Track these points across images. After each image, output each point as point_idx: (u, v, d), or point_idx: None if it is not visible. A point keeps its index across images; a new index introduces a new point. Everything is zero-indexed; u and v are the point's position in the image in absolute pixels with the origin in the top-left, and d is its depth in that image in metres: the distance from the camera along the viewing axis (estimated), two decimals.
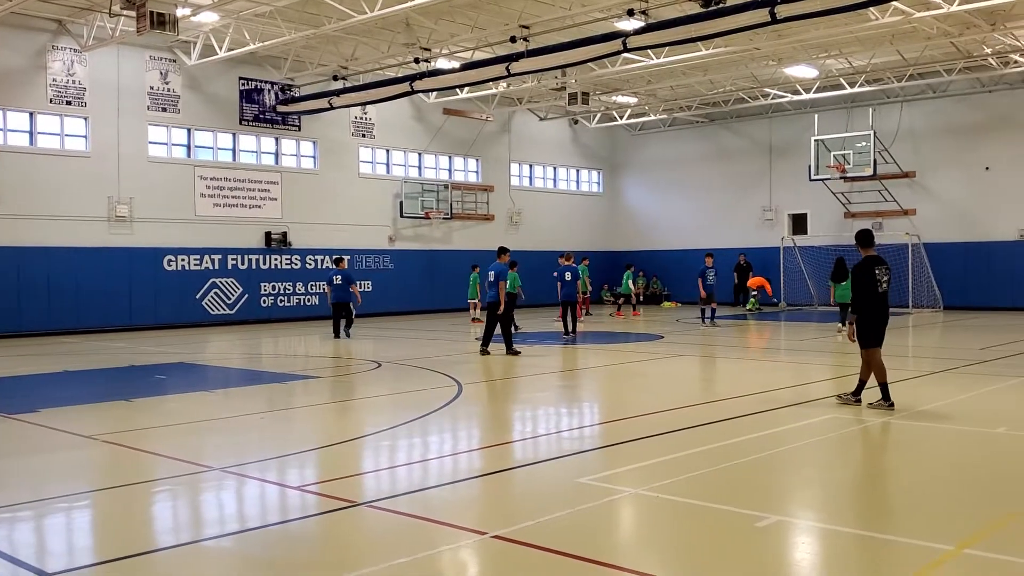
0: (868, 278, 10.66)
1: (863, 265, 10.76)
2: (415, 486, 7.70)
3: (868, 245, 10.97)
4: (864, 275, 10.69)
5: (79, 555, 6.02)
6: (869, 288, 10.67)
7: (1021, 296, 29.19)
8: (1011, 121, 29.81)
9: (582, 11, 21.12)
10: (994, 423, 10.01)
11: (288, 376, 14.93)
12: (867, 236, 11.10)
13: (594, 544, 5.96)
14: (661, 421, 10.32)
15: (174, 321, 25.72)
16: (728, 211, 36.19)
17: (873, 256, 10.87)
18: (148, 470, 8.37)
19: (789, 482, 7.80)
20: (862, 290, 10.72)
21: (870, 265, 10.71)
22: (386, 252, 31.11)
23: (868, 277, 10.66)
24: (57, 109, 23.93)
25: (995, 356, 16.56)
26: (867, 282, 10.67)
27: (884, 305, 10.81)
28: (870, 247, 10.96)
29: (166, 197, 25.85)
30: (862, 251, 10.98)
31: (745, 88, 31.56)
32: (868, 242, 11.00)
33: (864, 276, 10.69)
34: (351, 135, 30.49)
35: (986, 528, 6.19)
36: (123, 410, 11.65)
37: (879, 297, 10.70)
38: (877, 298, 10.69)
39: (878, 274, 10.66)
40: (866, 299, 10.71)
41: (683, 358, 17.26)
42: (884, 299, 10.78)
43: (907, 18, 20.92)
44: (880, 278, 10.66)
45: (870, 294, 10.67)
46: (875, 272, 10.65)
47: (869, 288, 10.67)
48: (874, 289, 10.65)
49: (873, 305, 10.71)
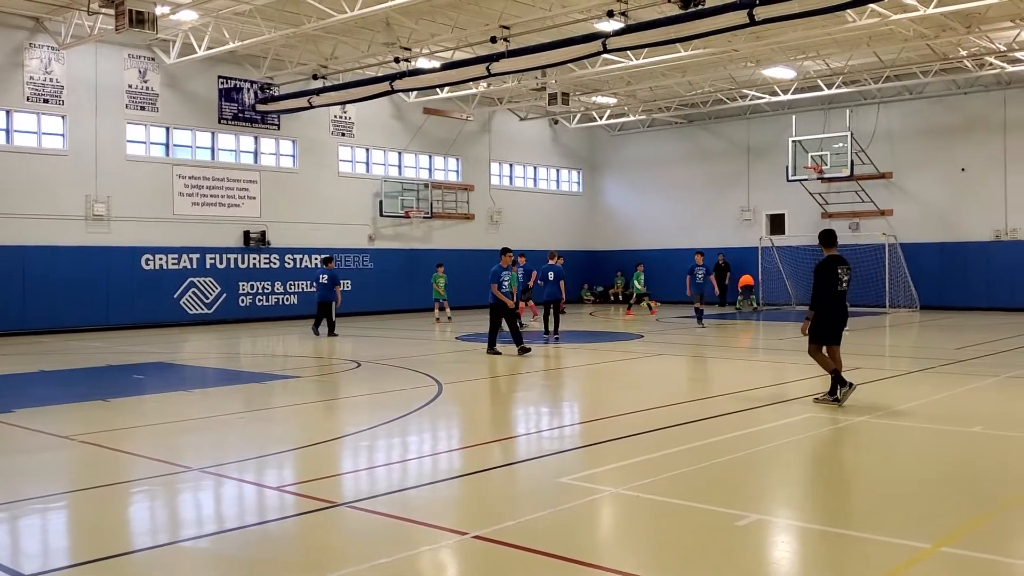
0: (830, 276, 10.92)
1: (826, 263, 11.04)
2: (395, 486, 7.69)
3: (831, 245, 11.24)
4: (826, 274, 10.96)
5: (55, 557, 5.97)
6: (829, 286, 10.93)
7: (996, 296, 29.49)
8: (986, 123, 30.12)
9: (562, 12, 21.16)
10: (970, 422, 10.11)
11: (267, 376, 14.87)
12: (830, 236, 11.35)
13: (575, 544, 5.98)
14: (641, 420, 10.36)
15: (152, 320, 25.56)
16: (706, 211, 36.36)
17: (835, 255, 11.14)
18: (126, 471, 8.32)
19: (768, 481, 7.85)
20: (822, 288, 10.98)
21: (833, 264, 10.98)
22: (366, 251, 31.04)
23: (830, 276, 10.93)
24: (34, 107, 23.72)
25: (970, 356, 16.72)
26: (828, 280, 10.93)
27: (842, 304, 11.08)
28: (833, 247, 11.23)
29: (144, 196, 25.69)
30: (825, 251, 11.27)
31: (723, 89, 31.71)
32: (831, 242, 11.26)
33: (826, 274, 10.96)
34: (331, 134, 30.41)
35: (963, 526, 6.26)
36: (100, 410, 11.57)
37: (838, 296, 10.98)
38: (836, 296, 10.97)
39: (840, 273, 10.94)
40: (825, 297, 10.97)
41: (663, 357, 17.32)
42: (842, 298, 11.05)
43: (884, 20, 21.11)
44: (841, 277, 10.93)
45: (829, 292, 10.94)
46: (837, 271, 10.93)
47: (829, 286, 10.93)
48: (834, 288, 10.92)
49: (831, 303, 10.97)
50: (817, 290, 11.03)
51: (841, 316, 11.09)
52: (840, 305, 11.05)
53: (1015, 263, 29.37)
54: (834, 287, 10.90)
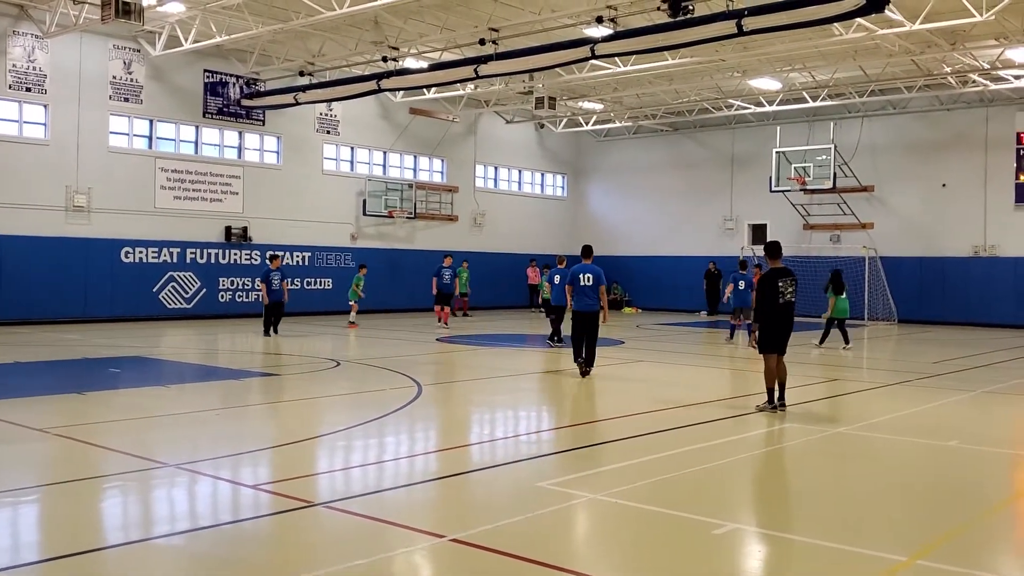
0: (771, 289, 11.27)
1: (767, 276, 11.38)
2: (373, 487, 7.66)
3: (776, 256, 11.59)
4: (767, 287, 11.31)
5: (26, 551, 5.89)
6: (771, 298, 11.26)
7: (974, 311, 29.72)
8: (968, 139, 30.36)
9: (552, 16, 21.15)
10: (946, 436, 10.18)
11: (245, 373, 14.79)
12: (775, 248, 11.74)
13: (552, 549, 5.97)
14: (621, 426, 10.37)
15: (130, 314, 25.35)
16: (689, 219, 36.47)
17: (779, 268, 11.45)
18: (100, 465, 8.24)
19: (746, 490, 7.87)
20: (764, 300, 11.33)
21: (774, 277, 11.31)
22: (348, 250, 30.92)
23: (771, 289, 11.27)
24: (16, 95, 23.49)
25: (947, 370, 16.84)
26: (769, 293, 11.28)
27: (786, 315, 11.38)
28: (777, 259, 11.57)
29: (126, 188, 25.48)
30: (769, 262, 11.60)
31: (709, 98, 31.82)
32: (776, 254, 11.62)
33: (767, 287, 11.30)
34: (316, 131, 30.29)
35: (939, 539, 6.29)
36: (75, 403, 11.46)
37: (780, 307, 11.28)
38: (778, 308, 11.27)
39: (781, 286, 11.27)
40: (767, 308, 11.29)
41: (644, 363, 17.34)
42: (787, 309, 11.36)
43: (870, 35, 21.23)
44: (784, 289, 11.26)
45: (771, 304, 11.26)
46: (778, 284, 11.25)
47: (771, 298, 11.26)
48: (775, 299, 11.23)
49: (774, 314, 11.28)
50: (759, 302, 11.44)
51: (783, 326, 11.37)
52: (784, 315, 11.34)
53: (993, 279, 29.61)
54: (775, 299, 11.21)
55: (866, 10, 16.78)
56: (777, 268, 11.43)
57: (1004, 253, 29.58)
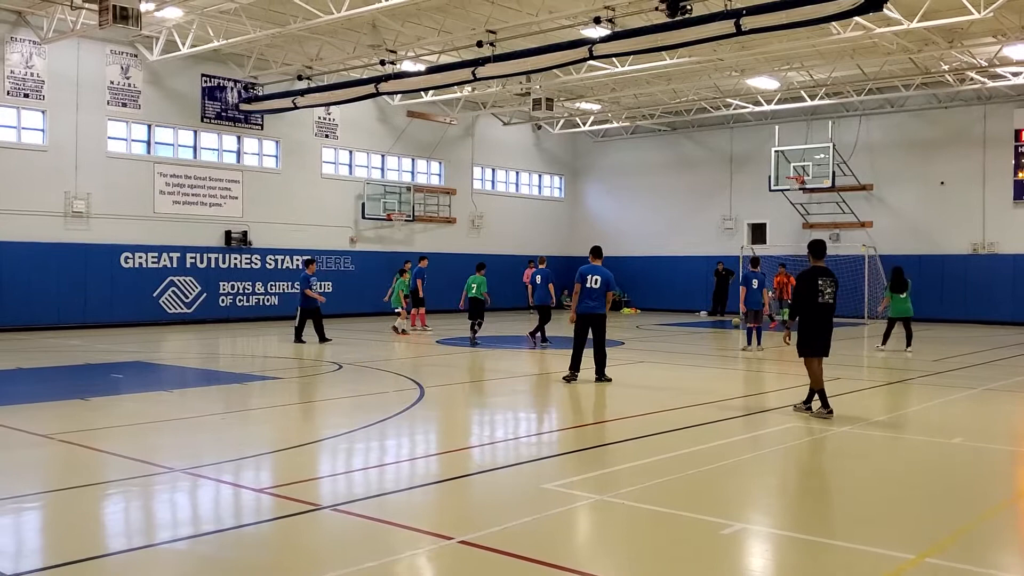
0: (810, 289, 10.82)
1: (807, 275, 10.93)
2: (379, 490, 7.65)
3: (819, 255, 11.09)
4: (806, 285, 10.86)
5: (31, 558, 5.89)
6: (809, 298, 10.82)
7: (973, 309, 29.76)
8: (966, 137, 30.41)
9: (549, 18, 21.16)
10: (950, 433, 10.19)
11: (247, 377, 14.78)
12: (817, 247, 11.21)
13: (560, 550, 5.98)
14: (625, 427, 10.37)
15: (130, 319, 25.35)
16: (688, 219, 36.49)
17: (820, 267, 11.01)
18: (104, 470, 8.24)
19: (752, 490, 7.87)
20: (801, 299, 10.89)
21: (814, 275, 10.86)
22: (347, 253, 30.93)
23: (810, 288, 10.82)
24: (14, 101, 23.49)
25: (948, 368, 16.85)
26: (808, 292, 10.83)
27: (826, 316, 10.92)
28: (820, 258, 11.08)
29: (125, 193, 25.48)
30: (812, 260, 11.11)
31: (707, 98, 31.84)
32: (819, 252, 11.12)
33: (806, 286, 10.86)
34: (314, 135, 30.30)
35: (946, 537, 6.30)
36: (79, 409, 11.45)
37: (819, 308, 10.83)
38: (817, 308, 10.82)
39: (821, 285, 10.81)
40: (805, 308, 10.87)
41: (645, 364, 17.34)
42: (825, 310, 10.89)
43: (868, 33, 21.27)
44: (823, 289, 10.81)
45: (809, 304, 10.82)
46: (818, 283, 10.81)
47: (809, 298, 10.82)
48: (814, 299, 10.79)
49: (812, 315, 10.85)
50: (796, 301, 10.99)
51: (823, 327, 10.94)
52: (823, 316, 10.91)
53: (992, 276, 29.66)
54: (814, 299, 10.82)
55: (864, 9, 16.78)
56: (818, 267, 10.96)
57: (1003, 250, 29.63)
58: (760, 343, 19.82)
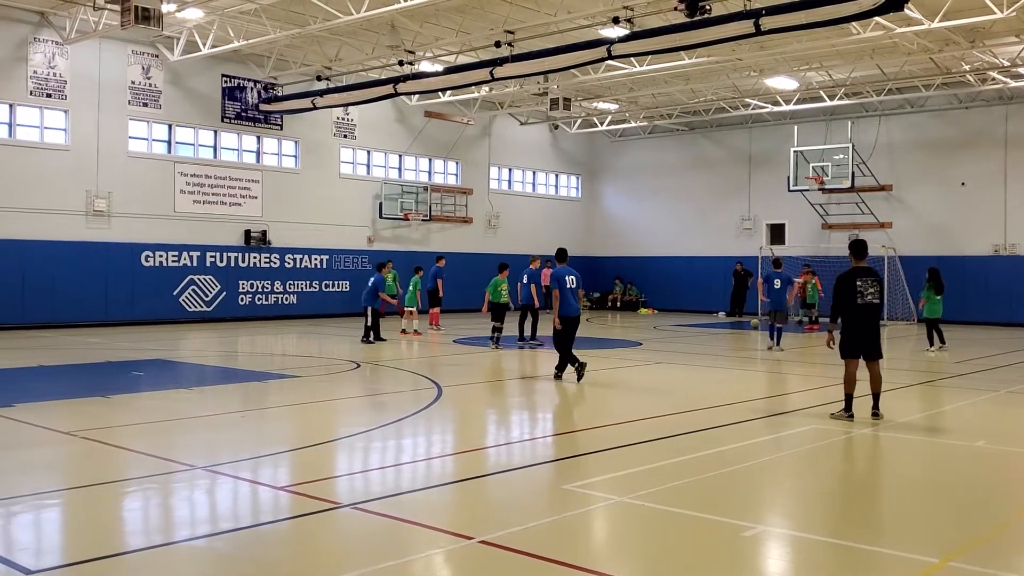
0: (848, 289, 10.65)
1: (845, 276, 10.76)
2: (399, 489, 7.66)
3: (860, 256, 10.92)
4: (844, 286, 10.70)
5: (52, 555, 5.93)
6: (848, 299, 10.66)
7: (994, 311, 29.52)
8: (987, 137, 30.18)
9: (567, 18, 21.14)
10: (973, 436, 10.11)
11: (267, 375, 14.84)
12: (859, 247, 11.02)
13: (580, 551, 5.97)
14: (645, 428, 10.34)
15: (150, 317, 25.50)
16: (706, 220, 36.38)
17: (860, 267, 10.82)
18: (125, 468, 8.29)
19: (774, 492, 7.83)
20: (841, 300, 10.74)
21: (853, 276, 10.69)
22: (364, 252, 31.01)
23: (848, 288, 10.65)
24: (37, 101, 23.68)
25: (969, 370, 16.73)
26: (846, 293, 10.67)
27: (867, 317, 10.71)
28: (862, 258, 10.91)
29: (145, 193, 25.64)
30: (853, 261, 10.94)
31: (726, 98, 31.73)
32: (860, 253, 10.95)
33: (843, 287, 10.71)
34: (332, 135, 30.40)
35: (970, 541, 6.25)
36: (100, 406, 11.53)
37: (858, 308, 10.65)
38: (856, 309, 10.66)
39: (860, 286, 10.61)
40: (845, 310, 10.72)
41: (663, 366, 17.30)
42: (867, 310, 10.68)
43: (888, 33, 21.14)
44: (863, 289, 10.61)
45: (849, 305, 10.67)
46: (857, 284, 10.62)
47: (848, 299, 10.66)
48: (852, 300, 10.63)
49: (851, 316, 10.70)
50: (835, 302, 10.86)
51: (862, 329, 10.69)
52: (861, 317, 10.68)
53: (1013, 278, 29.41)
54: (853, 299, 10.62)
55: (884, 8, 16.68)
56: (858, 267, 10.78)
57: None
58: (777, 343, 19.98)
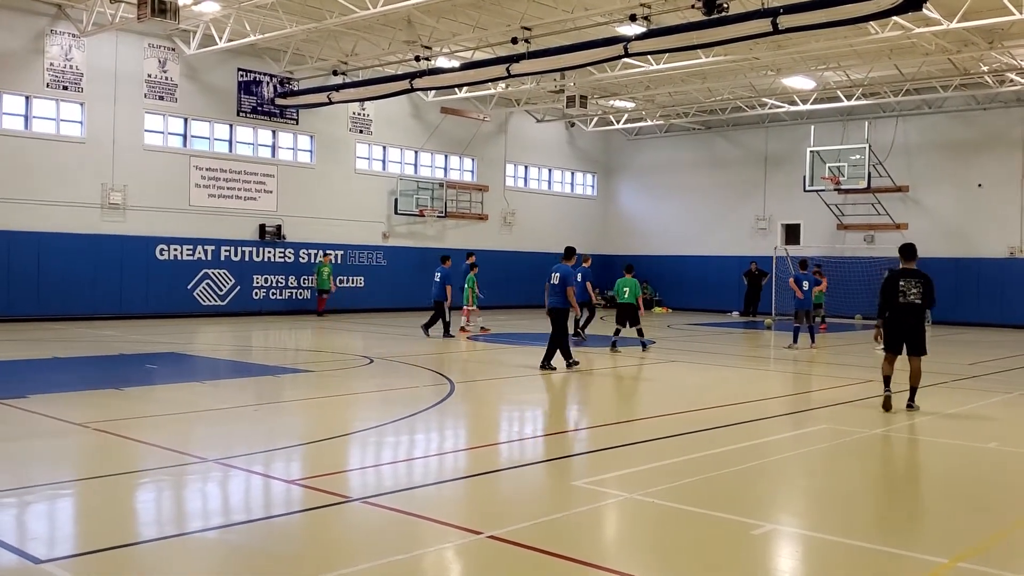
0: (891, 289, 11.47)
1: (890, 276, 11.61)
2: (409, 483, 7.68)
3: (909, 258, 11.68)
4: (888, 285, 11.54)
5: (65, 544, 5.97)
6: (890, 298, 11.44)
7: (1009, 313, 29.34)
8: (1004, 139, 29.98)
9: (584, 15, 21.12)
10: (985, 438, 10.05)
11: (280, 369, 14.90)
12: (908, 250, 11.75)
13: (590, 547, 5.97)
14: (656, 426, 10.33)
15: (165, 311, 25.61)
16: (721, 219, 36.28)
17: (906, 269, 11.58)
18: (138, 459, 8.33)
19: (784, 491, 7.82)
20: (884, 298, 11.54)
21: (896, 277, 11.51)
22: (379, 248, 31.07)
23: (891, 288, 11.47)
24: (53, 94, 23.81)
25: (983, 372, 16.64)
26: (888, 292, 11.44)
27: (905, 315, 11.41)
28: (911, 260, 11.66)
29: (160, 186, 25.75)
30: (902, 263, 11.71)
31: (742, 97, 31.63)
32: (908, 255, 11.70)
33: (887, 286, 11.53)
34: (348, 131, 30.45)
35: (980, 542, 6.22)
36: (114, 398, 11.60)
37: (899, 307, 11.37)
38: (897, 308, 11.38)
39: (903, 286, 11.39)
40: (887, 307, 11.50)
41: (677, 364, 17.27)
42: (907, 309, 11.39)
43: (906, 33, 21.02)
44: (905, 289, 11.36)
45: (891, 303, 11.43)
46: (899, 284, 11.38)
47: (890, 298, 11.44)
48: (894, 299, 11.38)
49: (892, 314, 11.45)
50: (881, 300, 11.60)
51: (903, 326, 11.37)
52: (899, 315, 11.37)
53: None
54: (895, 298, 11.32)
55: (903, 8, 16.60)
56: (904, 269, 11.56)
57: None
58: (797, 342, 20.41)
